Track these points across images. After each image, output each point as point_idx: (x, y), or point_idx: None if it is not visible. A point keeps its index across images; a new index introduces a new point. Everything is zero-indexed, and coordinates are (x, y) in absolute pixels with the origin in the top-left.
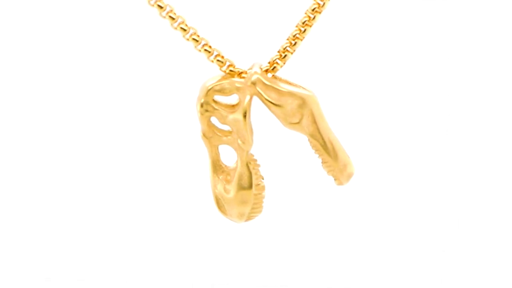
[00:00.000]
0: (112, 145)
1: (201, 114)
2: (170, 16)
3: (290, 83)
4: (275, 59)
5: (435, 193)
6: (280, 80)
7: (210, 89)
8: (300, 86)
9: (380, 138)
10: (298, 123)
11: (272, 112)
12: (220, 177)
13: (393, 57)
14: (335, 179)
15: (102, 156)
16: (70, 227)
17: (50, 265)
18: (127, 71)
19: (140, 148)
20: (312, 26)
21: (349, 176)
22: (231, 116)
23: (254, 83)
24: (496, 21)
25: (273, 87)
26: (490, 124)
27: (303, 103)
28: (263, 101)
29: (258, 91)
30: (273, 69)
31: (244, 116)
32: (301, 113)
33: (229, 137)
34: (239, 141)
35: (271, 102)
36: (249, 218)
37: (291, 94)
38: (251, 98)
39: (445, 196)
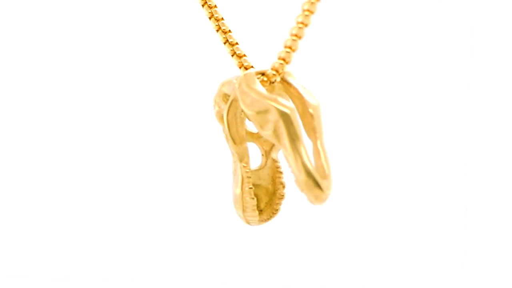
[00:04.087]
0: (146, 139)
1: (214, 110)
2: (208, 11)
3: (295, 91)
4: (274, 64)
5: (441, 199)
6: (288, 85)
7: (220, 87)
8: (302, 97)
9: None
10: (270, 132)
11: (247, 116)
12: None
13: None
14: (306, 197)
15: (136, 149)
16: (83, 225)
17: (51, 266)
18: (162, 65)
19: (174, 143)
20: (302, 37)
21: (319, 197)
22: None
23: (238, 86)
24: (496, 20)
25: (248, 93)
26: (492, 126)
27: (273, 114)
28: (241, 104)
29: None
30: (273, 74)
31: (227, 115)
32: (272, 123)
33: None
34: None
35: (244, 106)
36: (247, 221)
37: (262, 104)
38: (233, 99)
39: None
